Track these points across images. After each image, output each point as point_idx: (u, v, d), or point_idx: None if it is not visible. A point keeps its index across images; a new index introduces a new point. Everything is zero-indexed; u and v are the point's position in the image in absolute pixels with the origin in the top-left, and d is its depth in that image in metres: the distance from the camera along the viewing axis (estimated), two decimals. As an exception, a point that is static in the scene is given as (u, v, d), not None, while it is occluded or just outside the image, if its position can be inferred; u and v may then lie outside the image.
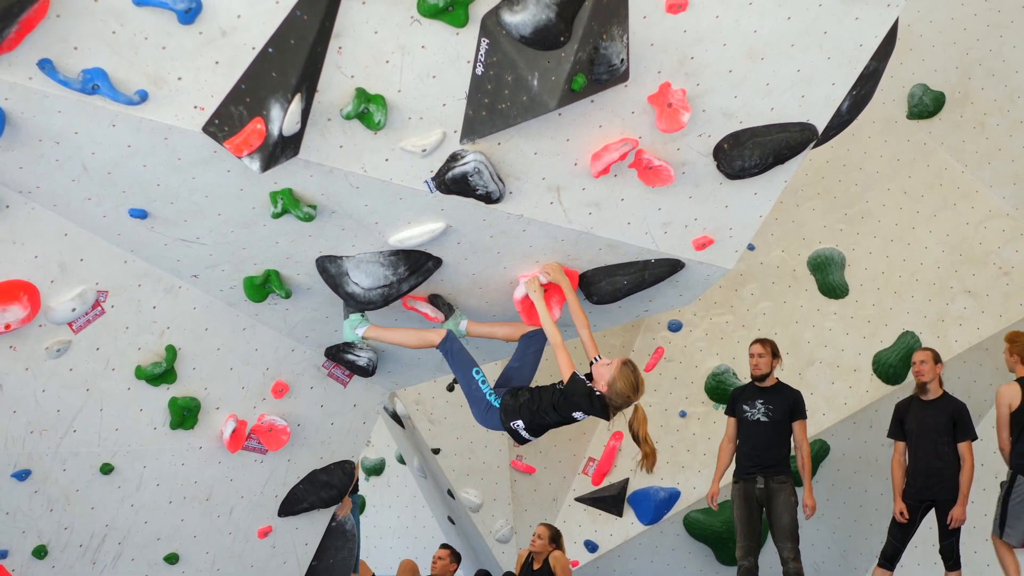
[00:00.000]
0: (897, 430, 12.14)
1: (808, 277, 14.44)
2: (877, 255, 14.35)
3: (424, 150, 8.27)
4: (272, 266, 9.12)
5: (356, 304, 9.11)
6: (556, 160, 8.58)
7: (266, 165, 7.82)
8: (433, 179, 8.43)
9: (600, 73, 8.02)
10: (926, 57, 13.98)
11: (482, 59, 7.99)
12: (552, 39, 7.84)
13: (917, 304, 14.21)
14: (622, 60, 8.05)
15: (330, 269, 9.04)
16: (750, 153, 8.84)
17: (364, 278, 8.99)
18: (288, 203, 8.44)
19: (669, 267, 9.40)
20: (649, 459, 8.89)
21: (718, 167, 8.92)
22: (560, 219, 8.88)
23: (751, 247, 14.14)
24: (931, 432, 11.87)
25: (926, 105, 14.11)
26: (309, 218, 8.54)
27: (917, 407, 12.05)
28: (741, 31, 8.31)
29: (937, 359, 12.05)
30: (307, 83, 7.77)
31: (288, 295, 9.28)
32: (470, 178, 8.39)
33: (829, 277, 14.36)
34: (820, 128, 8.98)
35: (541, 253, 9.14)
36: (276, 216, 8.52)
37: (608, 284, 9.43)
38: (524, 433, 9.03)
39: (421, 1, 7.72)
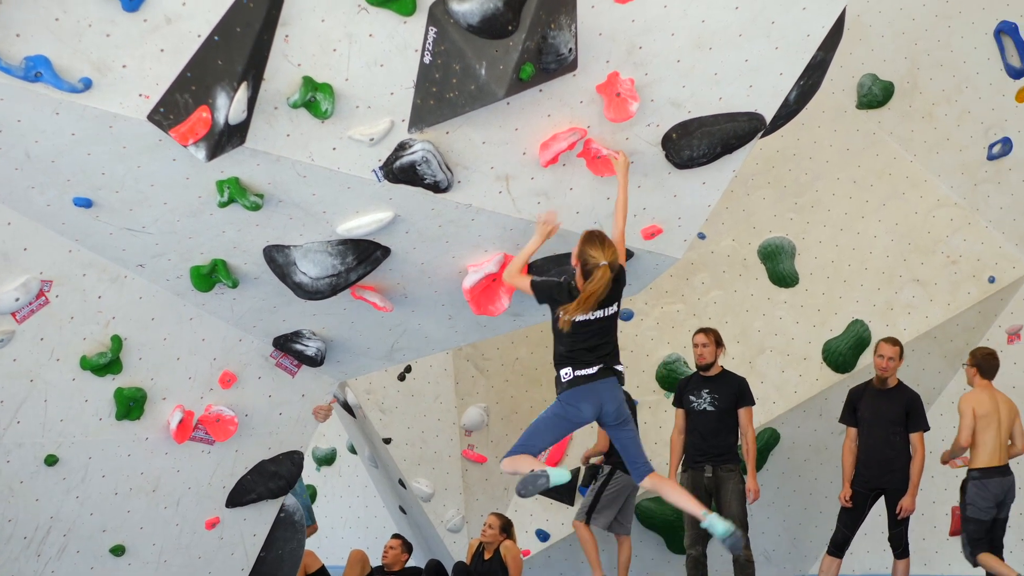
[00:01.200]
0: (849, 416, 12.12)
1: (758, 266, 14.49)
2: (827, 244, 14.41)
3: (372, 139, 8.24)
4: (219, 255, 9.05)
5: (304, 294, 9.05)
6: (504, 149, 8.56)
7: (212, 154, 7.77)
8: (381, 168, 8.40)
9: (548, 62, 8.01)
10: (875, 47, 14.04)
11: (430, 48, 7.96)
12: (500, 28, 7.82)
13: (866, 293, 14.29)
14: (570, 49, 8.04)
15: (277, 259, 8.99)
16: (698, 143, 8.84)
17: (312, 267, 8.95)
18: (235, 192, 8.38)
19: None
20: (577, 307, 8.17)
21: (667, 156, 8.92)
22: (509, 208, 8.87)
23: (701, 236, 14.19)
24: (884, 421, 11.87)
25: (875, 95, 14.17)
26: (256, 207, 8.48)
27: (871, 395, 12.03)
28: (689, 21, 8.32)
29: (903, 354, 12.08)
30: (253, 71, 7.72)
31: (235, 285, 9.22)
32: (418, 167, 8.36)
33: (779, 266, 14.41)
34: (768, 118, 9.00)
35: (490, 242, 9.12)
36: (223, 205, 8.46)
37: (557, 273, 9.40)
38: (581, 372, 8.29)
39: (368, -11, 7.69)
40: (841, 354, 14.08)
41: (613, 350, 8.43)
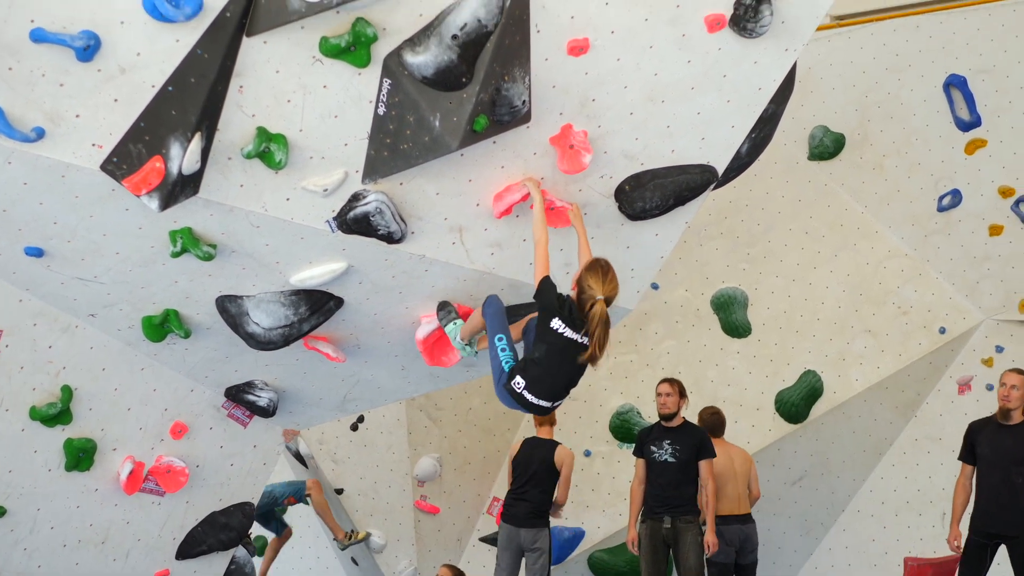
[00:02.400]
0: (967, 453, 11.12)
1: (711, 316, 14.55)
2: (779, 294, 14.50)
3: (325, 189, 8.24)
4: (171, 305, 9.02)
5: (256, 344, 9.02)
6: (458, 200, 8.58)
7: (165, 204, 7.75)
8: (335, 219, 8.40)
9: (502, 114, 8.04)
10: (826, 99, 14.17)
11: (384, 99, 7.97)
12: (454, 80, 7.84)
13: (818, 343, 14.37)
14: (524, 101, 8.08)
15: (230, 309, 8.96)
16: (651, 195, 8.90)
17: (264, 318, 8.92)
18: (188, 242, 8.36)
19: (571, 307, 9.41)
20: (593, 357, 8.19)
21: (620, 208, 8.97)
22: (462, 259, 8.88)
23: (655, 286, 14.23)
24: (1006, 460, 10.76)
25: (826, 147, 14.29)
26: (209, 257, 8.46)
27: (993, 430, 10.96)
28: (642, 74, 8.37)
29: None
30: (207, 121, 7.71)
31: (187, 335, 9.18)
32: (372, 218, 8.37)
33: (732, 316, 14.47)
34: (720, 170, 9.07)
35: (443, 293, 9.12)
36: (175, 255, 8.43)
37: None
38: (527, 395, 8.21)
39: (323, 41, 7.69)
40: (794, 404, 14.14)
41: (566, 391, 8.43)
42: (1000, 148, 13.72)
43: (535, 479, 11.86)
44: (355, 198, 8.34)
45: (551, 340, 8.13)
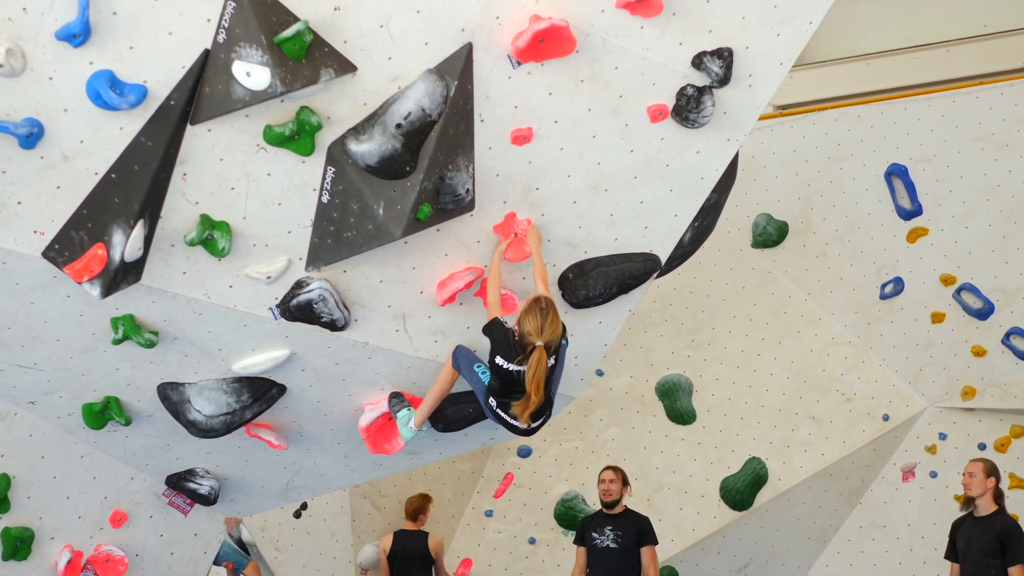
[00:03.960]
0: (950, 550, 11.08)
1: (656, 403, 14.57)
2: (724, 381, 14.54)
3: (269, 277, 8.23)
4: (112, 392, 8.95)
5: (198, 432, 8.96)
6: (402, 288, 8.59)
7: (107, 291, 7.70)
8: (278, 306, 8.38)
9: (446, 203, 8.07)
10: (769, 187, 14.30)
11: (328, 187, 8.00)
12: (398, 169, 7.88)
13: (763, 430, 14.40)
14: (468, 190, 8.12)
15: (172, 396, 8.90)
16: (594, 283, 8.94)
17: (206, 405, 8.87)
18: (129, 329, 8.32)
19: (522, 393, 9.41)
20: (528, 406, 8.08)
21: (563, 296, 9.00)
22: (406, 347, 8.88)
23: (600, 373, 14.26)
24: (975, 552, 10.73)
25: (770, 234, 14.40)
26: (151, 344, 8.42)
27: (968, 524, 10.95)
28: (585, 163, 8.44)
29: (991, 471, 10.78)
30: (150, 209, 7.70)
31: (128, 422, 9.10)
32: (315, 305, 8.36)
33: (677, 403, 14.50)
34: (663, 258, 9.12)
35: (387, 380, 9.11)
36: (117, 342, 8.38)
37: (454, 412, 9.41)
38: (504, 415, 8.24)
39: (267, 129, 7.71)
40: (739, 491, 14.14)
41: (549, 405, 8.29)
42: (941, 236, 13.87)
43: (414, 570, 12.22)
44: (298, 285, 8.33)
45: (501, 374, 8.12)
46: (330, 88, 7.69)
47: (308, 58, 7.45)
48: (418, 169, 7.91)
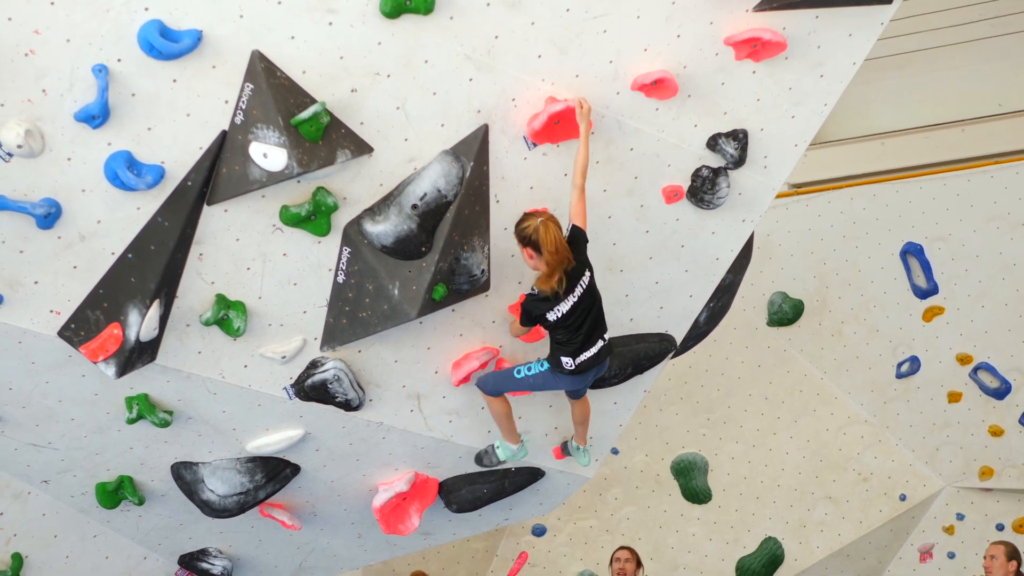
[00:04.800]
0: None
1: (671, 482, 14.50)
2: (739, 460, 14.47)
3: (284, 357, 8.23)
4: (126, 472, 8.93)
5: (211, 512, 8.92)
6: (416, 368, 8.58)
7: (122, 371, 7.70)
8: (292, 386, 8.38)
9: (461, 283, 8.08)
10: (785, 266, 14.29)
11: (343, 267, 8.01)
12: (413, 249, 7.89)
13: (779, 509, 14.31)
14: (483, 271, 8.12)
15: (185, 476, 8.88)
16: (610, 363, 8.91)
17: (220, 485, 8.84)
18: (144, 408, 8.31)
19: (529, 476, 9.39)
20: (553, 274, 7.72)
21: (579, 377, 8.98)
22: (420, 427, 8.85)
23: (615, 451, 14.20)
24: None
25: (785, 312, 14.37)
26: (165, 424, 8.41)
27: None
28: (600, 243, 8.44)
29: (1013, 555, 10.72)
30: (166, 288, 7.72)
31: (141, 502, 9.07)
32: (330, 385, 8.35)
33: (692, 482, 14.42)
34: (678, 339, 9.11)
35: (401, 461, 9.08)
36: (131, 422, 8.38)
37: (468, 492, 9.37)
38: (583, 358, 8.02)
39: (283, 210, 7.74)
40: (754, 571, 14.04)
41: (603, 322, 8.13)
42: (957, 316, 13.84)
43: None
44: (313, 365, 8.33)
45: (560, 323, 7.91)
46: (346, 169, 7.72)
47: (325, 139, 7.49)
48: (433, 250, 7.92)
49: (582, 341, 8.00)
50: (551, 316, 7.86)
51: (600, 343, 8.09)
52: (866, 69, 8.89)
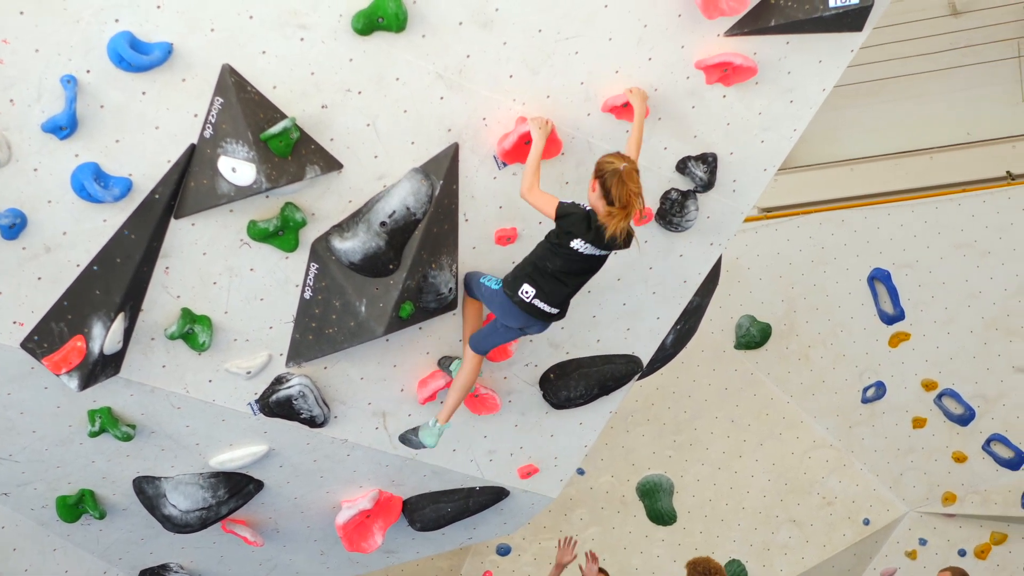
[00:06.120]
0: None
1: (637, 503, 14.49)
2: (705, 482, 14.48)
3: (249, 372, 8.20)
4: (87, 485, 8.86)
5: (172, 527, 8.87)
6: (382, 386, 8.56)
7: (85, 384, 7.65)
8: (257, 401, 8.34)
9: (428, 301, 8.06)
10: (753, 289, 14.32)
11: (311, 283, 7.99)
12: (381, 267, 7.88)
13: (744, 532, 14.32)
14: (451, 289, 8.11)
15: (147, 490, 8.82)
16: (576, 384, 8.92)
17: (182, 500, 8.79)
18: (106, 422, 8.26)
19: (494, 495, 9.37)
20: (623, 218, 7.39)
21: (544, 397, 8.99)
22: (385, 445, 8.83)
23: (580, 471, 14.18)
24: None
25: (753, 336, 14.40)
26: (128, 438, 8.36)
27: None
28: (568, 264, 8.43)
29: None
30: (131, 302, 7.68)
31: (103, 516, 9.01)
32: (294, 402, 8.32)
33: (658, 503, 14.42)
34: (645, 360, 9.11)
35: (365, 478, 9.05)
36: (93, 435, 8.32)
37: (432, 511, 9.35)
38: (539, 303, 7.66)
39: (251, 224, 7.72)
40: (718, 594, 14.02)
41: (573, 294, 7.85)
42: (923, 342, 13.89)
43: None
44: (278, 381, 8.30)
45: (568, 257, 7.55)
46: (315, 185, 7.70)
47: (294, 155, 7.48)
48: (401, 267, 7.91)
49: (561, 291, 7.70)
50: (576, 243, 7.50)
51: (558, 311, 7.79)
52: (836, 95, 8.93)
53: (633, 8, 7.72)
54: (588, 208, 7.48)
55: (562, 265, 7.61)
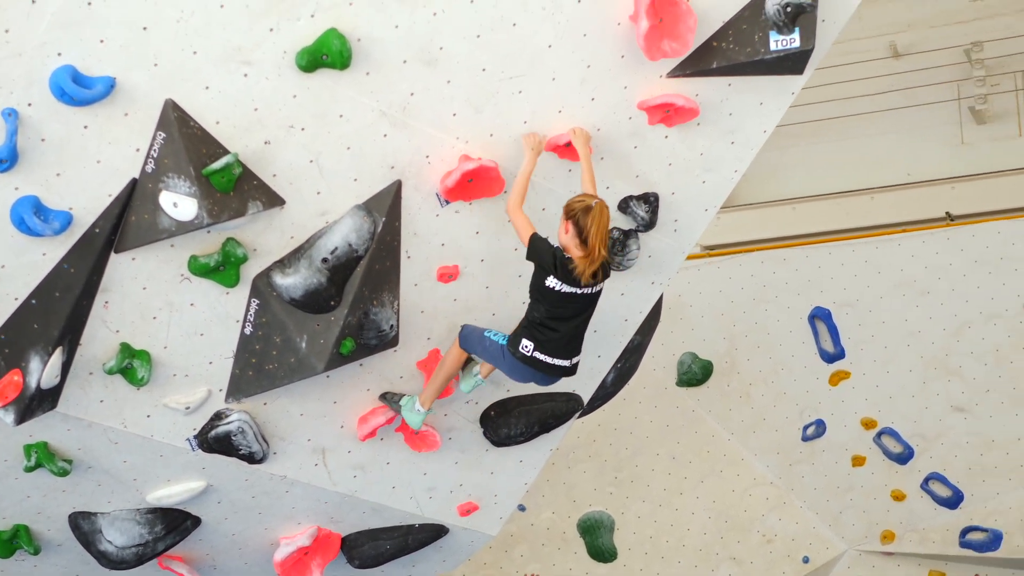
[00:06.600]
0: None
1: (578, 540, 14.50)
2: (646, 519, 14.51)
3: (188, 407, 8.15)
4: (22, 521, 8.74)
5: (108, 563, 8.78)
6: (322, 422, 8.53)
7: (21, 418, 7.57)
8: (195, 437, 8.29)
9: (369, 338, 8.05)
10: (695, 327, 14.40)
11: (251, 319, 7.96)
12: (322, 303, 7.86)
13: (684, 569, 14.35)
14: (392, 326, 8.10)
15: (83, 526, 8.73)
16: (516, 421, 8.93)
17: (118, 536, 8.71)
18: (42, 457, 8.17)
19: (433, 532, 9.35)
20: (592, 262, 7.45)
21: (484, 434, 8.99)
22: (325, 481, 8.79)
23: (521, 508, 14.17)
24: None
25: (695, 373, 14.47)
26: (64, 473, 8.27)
27: None
28: (510, 302, 8.46)
29: None
30: (70, 336, 7.61)
31: (37, 551, 8.90)
32: (233, 437, 8.27)
33: (598, 540, 14.43)
34: (586, 398, 9.13)
35: (304, 515, 9.00)
36: (29, 470, 8.22)
37: (371, 548, 9.31)
38: (540, 356, 7.68)
39: (192, 259, 7.68)
40: (658, 631, 14.06)
41: (582, 339, 7.86)
42: (863, 380, 14.01)
43: None
44: (217, 417, 8.25)
45: (551, 299, 7.59)
46: (257, 220, 7.68)
47: (236, 190, 7.45)
48: (343, 304, 7.89)
49: (558, 339, 7.71)
50: (550, 282, 7.52)
51: (568, 362, 7.81)
52: (778, 135, 9.03)
53: (576, 49, 7.77)
54: (556, 246, 7.51)
55: (548, 310, 7.64)
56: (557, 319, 7.66)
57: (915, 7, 16.04)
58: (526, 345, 7.72)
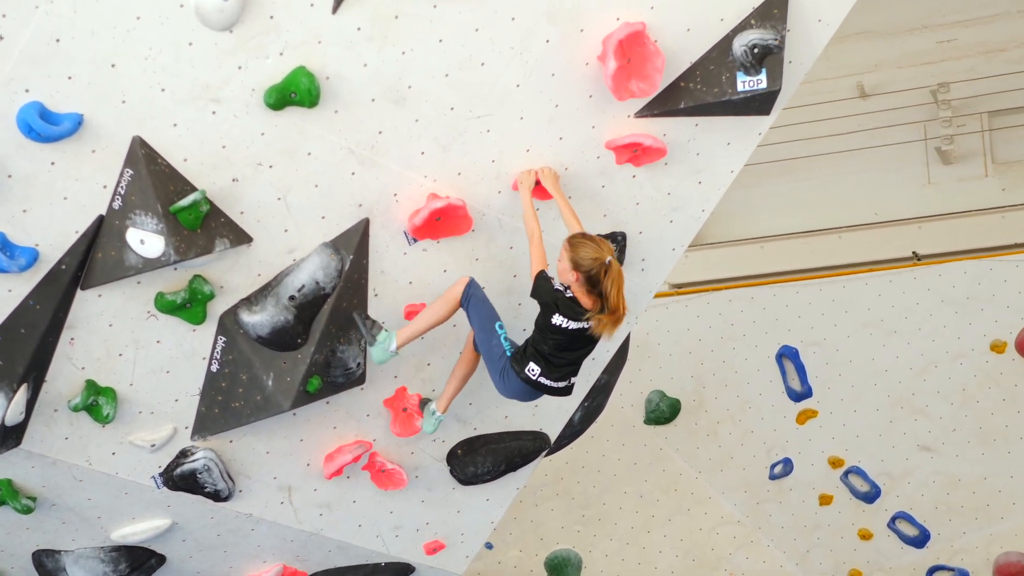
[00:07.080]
0: None
1: (544, 578, 14.48)
2: (613, 557, 14.49)
3: (153, 445, 8.12)
4: (-16, 559, 8.74)
5: None
6: (288, 460, 8.51)
7: (-15, 455, 7.56)
8: (161, 475, 8.26)
9: (336, 376, 8.04)
10: (663, 365, 14.41)
11: (218, 356, 7.94)
12: (289, 341, 7.85)
13: (651, 608, 14.35)
14: (359, 364, 8.09)
15: (47, 564, 8.68)
16: (483, 459, 8.93)
17: (82, 574, 8.66)
18: (6, 494, 8.13)
19: (399, 571, 9.34)
20: (612, 321, 7.45)
21: (451, 472, 8.98)
22: (290, 519, 8.77)
23: (489, 546, 14.14)
24: None
25: (662, 411, 14.47)
26: (28, 510, 8.23)
27: None
28: (477, 341, 8.46)
29: None
30: (35, 372, 7.58)
31: (0, 589, 8.88)
32: (199, 475, 8.25)
33: (565, 578, 14.41)
34: (553, 437, 9.14)
35: (269, 553, 8.98)
36: (-8, 507, 8.20)
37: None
38: (545, 380, 7.63)
39: (159, 296, 7.66)
40: (625, 670, 14.02)
41: (581, 363, 7.86)
42: (830, 419, 14.05)
43: None
44: (183, 455, 8.23)
45: (557, 335, 7.53)
46: (225, 258, 7.67)
47: (203, 228, 7.44)
48: (310, 342, 7.89)
49: (564, 366, 7.68)
50: (556, 320, 7.48)
51: (566, 384, 7.78)
52: (746, 174, 9.05)
53: (545, 88, 7.79)
54: (558, 288, 7.48)
55: (556, 343, 7.58)
56: (565, 350, 7.64)
57: (882, 48, 16.14)
58: (533, 369, 7.63)
